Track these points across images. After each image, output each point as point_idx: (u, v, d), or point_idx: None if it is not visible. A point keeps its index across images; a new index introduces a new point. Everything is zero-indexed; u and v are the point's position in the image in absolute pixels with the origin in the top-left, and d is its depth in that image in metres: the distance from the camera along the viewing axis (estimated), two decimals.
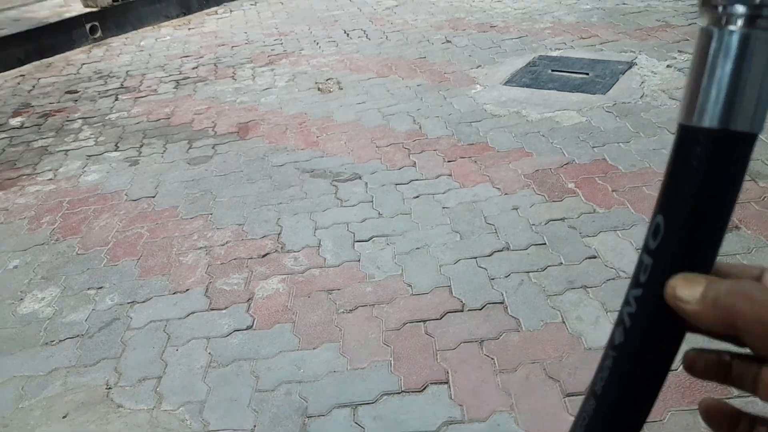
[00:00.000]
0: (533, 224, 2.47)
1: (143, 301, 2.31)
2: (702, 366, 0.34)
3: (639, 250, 0.29)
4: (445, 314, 2.07)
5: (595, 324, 1.95)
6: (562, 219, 2.48)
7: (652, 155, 2.83)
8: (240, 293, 2.29)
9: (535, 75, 3.91)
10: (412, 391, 1.80)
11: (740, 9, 0.28)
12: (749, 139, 0.29)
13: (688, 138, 0.30)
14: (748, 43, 0.28)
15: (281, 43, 5.30)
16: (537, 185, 2.73)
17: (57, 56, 5.62)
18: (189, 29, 6.16)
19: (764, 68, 0.28)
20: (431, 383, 1.82)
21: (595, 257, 2.24)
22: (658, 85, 3.56)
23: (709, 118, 0.29)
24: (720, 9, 0.28)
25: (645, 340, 0.33)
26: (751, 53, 0.28)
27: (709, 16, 0.29)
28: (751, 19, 0.28)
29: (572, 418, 1.53)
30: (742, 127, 0.29)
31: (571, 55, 4.16)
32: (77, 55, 5.64)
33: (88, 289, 2.42)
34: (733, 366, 0.33)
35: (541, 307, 2.05)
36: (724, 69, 0.28)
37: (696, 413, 1.61)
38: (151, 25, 6.37)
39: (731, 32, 0.28)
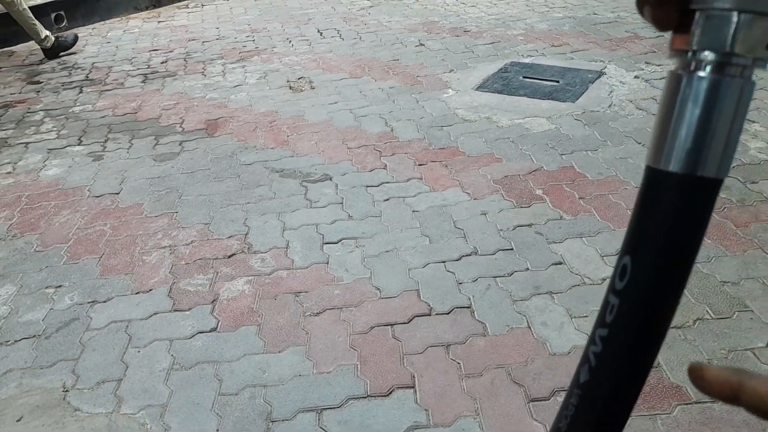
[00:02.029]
0: (501, 229, 2.49)
1: (104, 301, 2.25)
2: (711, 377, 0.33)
3: (604, 257, 0.29)
4: (413, 318, 2.07)
5: (560, 330, 1.98)
6: (530, 225, 2.51)
7: (619, 164, 2.89)
8: (204, 294, 2.25)
9: (507, 81, 3.95)
10: (378, 396, 1.79)
11: (710, 55, 0.28)
12: (715, 184, 0.30)
13: (655, 180, 0.30)
14: (717, 90, 0.28)
15: (253, 40, 5.23)
16: (506, 191, 2.76)
17: (20, 45, 5.45)
18: (159, 22, 6.04)
19: (732, 115, 0.28)
20: (397, 387, 1.81)
21: (561, 263, 2.27)
22: (626, 95, 3.63)
23: (677, 163, 0.29)
24: (689, 54, 0.28)
25: (610, 380, 0.33)
26: (719, 100, 0.28)
27: (679, 60, 0.29)
28: (720, 66, 0.28)
29: (536, 423, 1.53)
30: (709, 173, 0.29)
31: (543, 62, 4.21)
32: None
33: (47, 287, 2.35)
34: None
35: (508, 312, 2.06)
36: (693, 115, 0.28)
37: (654, 419, 1.65)
38: (120, 17, 6.23)
39: (700, 78, 0.28)
